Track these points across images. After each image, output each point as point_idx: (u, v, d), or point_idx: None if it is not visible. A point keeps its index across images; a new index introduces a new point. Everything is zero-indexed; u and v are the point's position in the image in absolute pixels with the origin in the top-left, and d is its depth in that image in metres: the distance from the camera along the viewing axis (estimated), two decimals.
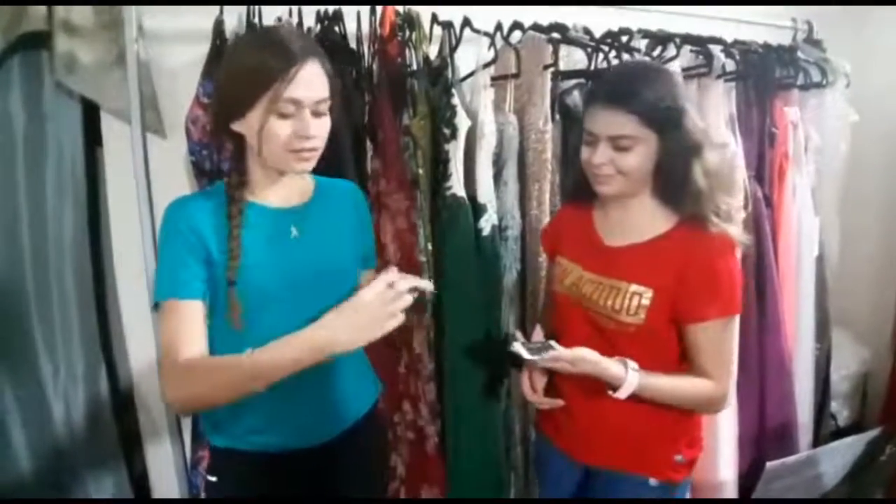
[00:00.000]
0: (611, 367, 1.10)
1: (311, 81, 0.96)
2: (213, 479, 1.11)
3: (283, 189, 1.07)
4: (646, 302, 1.12)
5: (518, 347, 1.14)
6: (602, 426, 1.21)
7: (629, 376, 1.09)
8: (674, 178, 1.11)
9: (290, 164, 1.00)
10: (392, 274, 0.93)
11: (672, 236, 1.14)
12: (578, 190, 1.27)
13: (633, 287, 1.13)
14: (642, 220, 1.17)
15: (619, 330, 1.15)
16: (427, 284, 0.97)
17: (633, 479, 1.20)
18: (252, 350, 0.91)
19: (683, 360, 1.18)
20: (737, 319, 1.16)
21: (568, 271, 1.25)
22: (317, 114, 0.98)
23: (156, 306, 1.00)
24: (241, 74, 0.97)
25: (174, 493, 1.64)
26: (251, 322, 0.99)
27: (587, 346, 1.15)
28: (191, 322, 0.97)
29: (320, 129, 0.99)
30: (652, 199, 1.17)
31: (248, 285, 0.99)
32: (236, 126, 0.99)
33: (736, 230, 1.13)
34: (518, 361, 1.15)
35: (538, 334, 1.23)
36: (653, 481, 1.19)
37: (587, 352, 1.11)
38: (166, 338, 0.98)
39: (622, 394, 1.10)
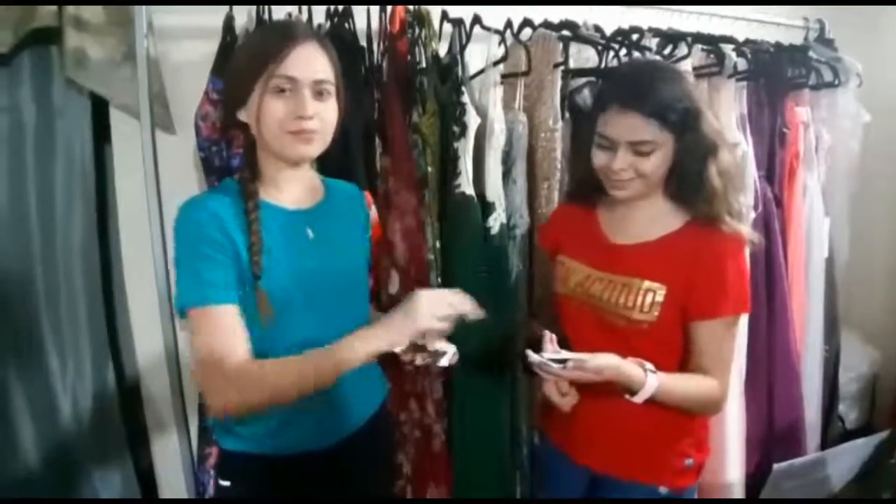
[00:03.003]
0: (632, 371, 1.07)
1: (308, 61, 0.96)
2: (226, 483, 1.11)
3: (294, 189, 1.07)
4: (659, 299, 1.11)
5: (538, 358, 1.07)
6: (607, 427, 1.20)
7: (648, 379, 1.07)
8: (689, 178, 1.10)
9: (289, 146, 0.98)
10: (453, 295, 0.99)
11: (683, 234, 1.14)
12: (582, 189, 1.26)
13: (647, 284, 1.12)
14: (653, 219, 1.16)
15: (630, 328, 1.14)
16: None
17: (642, 489, 1.18)
18: (312, 351, 0.94)
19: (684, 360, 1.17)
20: (740, 320, 1.15)
21: (572, 271, 1.24)
22: (318, 95, 0.98)
23: (182, 312, 0.96)
24: (241, 60, 1.00)
25: (181, 489, 1.64)
26: (277, 319, 0.98)
27: (599, 347, 1.13)
28: (231, 327, 0.95)
29: (323, 112, 0.98)
30: (664, 199, 1.16)
31: (272, 284, 0.98)
32: (242, 115, 1.00)
33: (748, 229, 1.13)
34: (542, 368, 1.08)
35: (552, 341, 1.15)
36: (663, 490, 1.17)
37: (608, 358, 1.06)
38: (207, 346, 0.94)
39: (640, 398, 1.07)
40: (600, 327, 1.19)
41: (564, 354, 1.07)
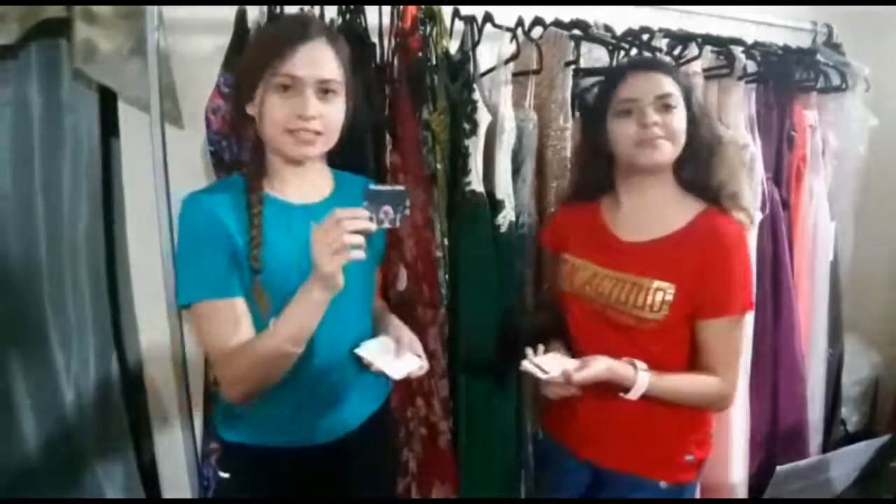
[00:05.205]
0: (624, 371, 1.10)
1: (314, 59, 0.95)
2: (227, 475, 1.11)
3: (301, 184, 1.06)
4: (669, 298, 1.11)
5: (530, 367, 1.11)
6: (610, 423, 1.21)
7: (639, 377, 1.10)
8: (701, 157, 1.15)
9: (288, 145, 0.98)
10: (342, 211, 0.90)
11: (691, 230, 1.15)
12: (586, 187, 1.27)
13: (657, 283, 1.12)
14: (662, 213, 1.17)
15: (638, 327, 1.14)
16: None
17: (643, 483, 1.19)
18: (273, 319, 0.93)
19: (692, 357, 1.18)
20: (745, 318, 1.16)
21: (578, 269, 1.24)
22: (324, 94, 0.97)
23: (184, 306, 0.98)
24: (251, 54, 1.00)
25: (184, 482, 1.63)
26: (277, 312, 0.98)
27: (605, 345, 1.15)
28: (231, 318, 0.96)
29: (326, 112, 0.97)
30: (674, 189, 1.17)
31: (274, 280, 0.98)
32: (250, 109, 1.00)
33: (746, 217, 1.16)
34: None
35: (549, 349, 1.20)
36: (663, 484, 1.18)
37: (596, 367, 1.09)
38: (213, 339, 0.96)
39: (633, 395, 1.11)
40: (608, 326, 1.19)
41: (553, 365, 1.11)
